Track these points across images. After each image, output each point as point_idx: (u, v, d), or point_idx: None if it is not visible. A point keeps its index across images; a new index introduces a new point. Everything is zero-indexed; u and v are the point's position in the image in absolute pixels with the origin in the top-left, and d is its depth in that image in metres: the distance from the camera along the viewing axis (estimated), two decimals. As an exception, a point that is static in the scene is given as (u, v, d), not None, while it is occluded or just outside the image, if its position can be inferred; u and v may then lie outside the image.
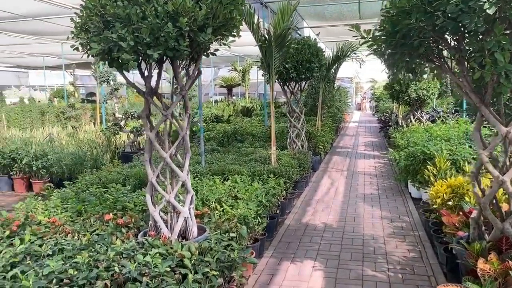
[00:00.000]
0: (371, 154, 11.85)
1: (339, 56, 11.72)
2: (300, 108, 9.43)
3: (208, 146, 9.62)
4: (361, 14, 13.99)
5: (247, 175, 6.14)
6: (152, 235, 3.67)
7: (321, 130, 11.84)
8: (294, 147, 9.10)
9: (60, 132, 11.11)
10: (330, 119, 14.11)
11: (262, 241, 4.61)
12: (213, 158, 7.80)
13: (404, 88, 9.89)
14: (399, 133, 9.51)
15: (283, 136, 10.45)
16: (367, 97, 33.53)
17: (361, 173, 9.28)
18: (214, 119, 15.51)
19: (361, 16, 14.31)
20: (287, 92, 9.08)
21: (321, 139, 10.38)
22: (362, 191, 7.58)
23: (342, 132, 17.64)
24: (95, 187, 5.70)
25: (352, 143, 14.50)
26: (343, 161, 10.82)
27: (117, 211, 4.62)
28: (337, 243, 5.01)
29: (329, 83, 14.16)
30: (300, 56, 8.27)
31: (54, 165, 7.94)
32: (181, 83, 3.66)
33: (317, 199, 7.11)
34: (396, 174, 8.88)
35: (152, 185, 3.75)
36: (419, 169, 6.73)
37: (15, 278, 2.93)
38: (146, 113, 3.73)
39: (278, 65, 7.24)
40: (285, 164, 6.96)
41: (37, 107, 15.85)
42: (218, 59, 23.99)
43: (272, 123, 7.44)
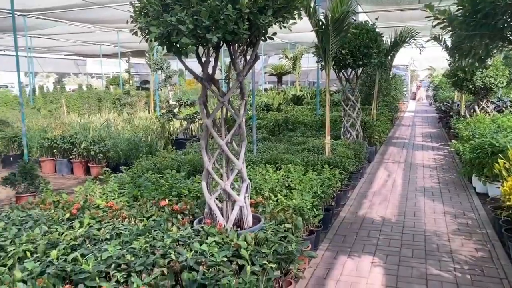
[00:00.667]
0: (430, 146, 11.27)
1: (397, 42, 11.18)
2: (356, 96, 9.07)
3: (259, 135, 9.52)
4: (421, 0, 13.27)
5: (301, 165, 5.97)
6: (208, 223, 3.61)
7: (376, 119, 11.41)
8: (348, 137, 8.79)
9: (116, 118, 11.44)
10: (386, 108, 13.59)
11: (317, 233, 4.45)
12: (264, 146, 7.69)
13: (469, 75, 9.26)
14: (462, 123, 8.93)
15: (336, 125, 10.15)
16: (423, 85, 32.08)
17: (420, 165, 8.83)
18: (264, 107, 15.39)
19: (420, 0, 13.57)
20: (342, 80, 8.76)
21: (376, 129, 9.98)
22: (421, 184, 7.19)
23: (398, 122, 16.97)
24: (150, 172, 5.76)
25: (409, 133, 13.89)
26: (400, 152, 10.36)
27: (172, 197, 4.63)
28: (397, 239, 4.75)
29: (385, 71, 13.60)
30: (357, 42, 7.91)
31: (111, 150, 8.16)
32: (239, 68, 3.54)
33: (373, 192, 6.82)
34: (458, 167, 8.36)
35: (208, 173, 3.68)
36: (486, 162, 6.27)
37: (75, 261, 2.97)
38: (203, 100, 3.65)
39: (335, 51, 6.96)
40: (340, 154, 6.72)
41: (94, 93, 16.44)
42: (269, 47, 23.81)
43: (326, 111, 7.19)
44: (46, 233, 3.52)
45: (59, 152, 8.51)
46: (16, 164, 6.35)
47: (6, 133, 9.29)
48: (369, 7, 13.52)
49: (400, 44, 11.31)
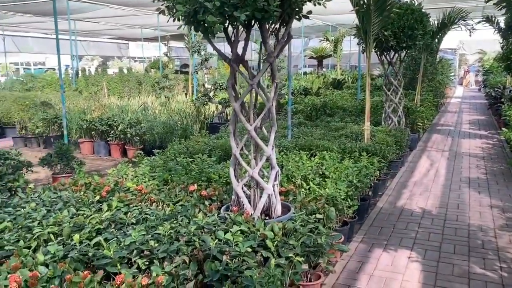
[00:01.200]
0: (477, 134, 10.63)
1: (445, 23, 10.53)
2: (399, 80, 8.63)
3: (295, 120, 9.28)
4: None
5: (337, 152, 5.72)
6: (234, 210, 3.48)
7: (420, 105, 10.86)
8: (390, 123, 8.40)
9: (154, 102, 11.53)
10: (431, 93, 12.93)
11: (351, 224, 4.23)
12: (300, 132, 7.46)
13: (524, 58, 8.56)
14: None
15: (376, 111, 9.74)
16: (472, 70, 30.44)
17: (466, 154, 8.32)
18: (302, 91, 15.07)
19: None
20: (385, 63, 8.34)
21: (420, 115, 9.49)
22: (466, 175, 6.76)
23: (444, 108, 16.17)
24: (182, 156, 5.71)
25: (455, 120, 13.18)
26: (444, 140, 9.82)
27: (202, 182, 4.53)
28: (438, 233, 4.45)
29: (431, 54, 12.91)
30: (401, 23, 7.45)
31: (147, 133, 8.20)
32: (269, 49, 3.33)
33: (414, 181, 6.47)
34: (508, 157, 7.81)
35: (236, 159, 3.53)
36: (541, 153, 5.78)
37: (98, 245, 2.92)
38: (232, 82, 3.48)
39: (377, 32, 6.58)
40: (380, 141, 6.40)
41: (134, 77, 16.68)
42: (309, 29, 23.24)
43: (367, 95, 6.85)
44: (74, 216, 3.52)
45: (97, 134, 8.66)
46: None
47: (47, 114, 9.55)
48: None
49: (448, 26, 10.64)
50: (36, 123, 9.48)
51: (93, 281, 2.45)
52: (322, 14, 19.23)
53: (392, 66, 8.35)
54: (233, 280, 2.63)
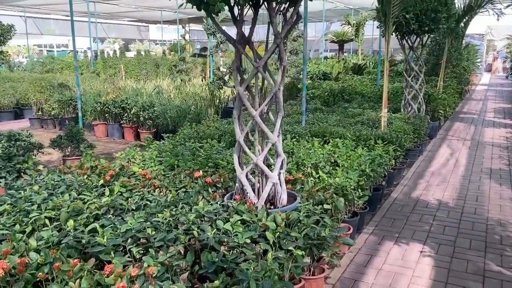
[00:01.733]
0: (502, 123, 10.19)
1: (471, 6, 10.02)
2: (420, 66, 8.28)
3: (312, 105, 9.06)
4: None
5: (351, 139, 5.52)
6: (237, 198, 3.35)
7: (442, 92, 10.47)
8: (409, 110, 8.10)
9: (169, 85, 11.44)
10: (455, 80, 12.48)
11: (362, 215, 4.05)
12: (315, 118, 7.25)
13: (556, 44, 8.08)
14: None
15: (397, 97, 9.44)
16: (500, 57, 29.35)
17: (489, 144, 7.97)
18: (321, 76, 14.76)
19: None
20: (406, 48, 8.01)
21: (441, 103, 9.13)
22: (488, 165, 6.46)
23: (468, 96, 15.62)
24: (192, 141, 5.61)
25: (479, 108, 12.70)
26: (467, 129, 9.45)
27: (208, 168, 4.42)
28: (454, 226, 4.24)
29: (456, 39, 12.42)
30: (424, 5, 7.10)
31: (160, 116, 8.12)
32: (276, 29, 3.15)
33: (431, 171, 6.22)
34: (534, 148, 7.46)
35: (240, 145, 3.39)
36: None
37: (95, 231, 2.84)
38: (237, 65, 3.32)
39: (397, 15, 6.27)
40: (397, 129, 6.15)
41: (152, 59, 16.62)
42: (330, 13, 22.70)
43: (385, 81, 6.58)
44: (75, 200, 3.45)
45: (110, 117, 8.63)
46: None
47: (63, 96, 9.57)
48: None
49: (475, 9, 10.13)
50: (52, 104, 9.53)
51: (83, 270, 2.37)
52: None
53: (414, 51, 8.01)
54: (229, 272, 2.51)
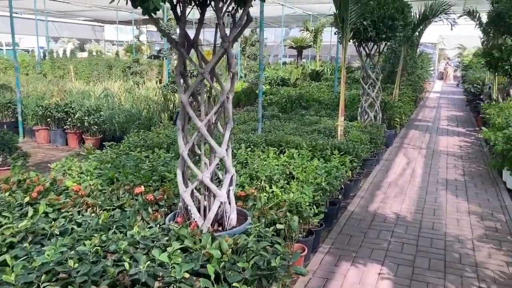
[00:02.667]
0: (456, 131, 10.36)
1: (426, 15, 10.15)
2: (377, 73, 8.23)
3: (269, 112, 8.81)
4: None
5: (307, 149, 5.27)
6: (179, 221, 2.99)
7: (398, 100, 10.53)
8: (366, 118, 8.01)
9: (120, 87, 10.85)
10: (410, 88, 12.65)
11: (317, 233, 3.79)
12: (271, 125, 6.99)
13: (506, 55, 8.26)
14: (494, 108, 8.02)
15: (353, 105, 9.36)
16: (452, 65, 30.48)
17: (443, 152, 8.00)
18: (280, 82, 14.60)
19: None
20: (363, 55, 7.92)
21: (397, 111, 9.13)
22: (444, 176, 6.42)
23: (422, 103, 15.95)
24: (138, 150, 5.17)
25: (433, 116, 12.94)
26: (422, 137, 9.51)
27: (153, 182, 4.03)
28: (412, 243, 4.06)
29: (411, 47, 12.59)
30: (381, 12, 7.01)
31: (107, 121, 7.59)
32: (223, 31, 2.82)
33: (388, 182, 6.09)
34: (487, 157, 7.53)
35: (184, 160, 3.03)
36: (522, 156, 5.46)
37: (4, 265, 2.39)
38: (180, 70, 2.95)
39: (355, 21, 6.11)
40: (354, 138, 5.98)
41: (104, 60, 15.87)
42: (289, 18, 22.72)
43: (341, 89, 6.41)
44: (-10, 223, 2.96)
45: (53, 121, 7.98)
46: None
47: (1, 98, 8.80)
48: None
49: (430, 18, 10.28)
50: (-12, 107, 8.74)
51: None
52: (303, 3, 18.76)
53: (370, 59, 7.94)
54: (162, 315, 2.14)
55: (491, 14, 8.47)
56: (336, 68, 11.85)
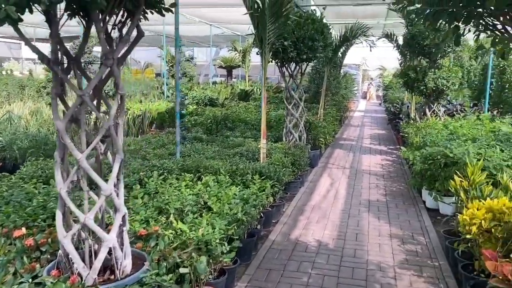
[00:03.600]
0: (378, 149, 10.60)
1: (347, 36, 10.41)
2: (300, 94, 8.17)
3: (193, 134, 8.42)
4: (375, -9, 12.69)
5: (226, 175, 4.93)
6: (55, 274, 2.48)
7: (323, 119, 10.61)
8: (291, 139, 7.87)
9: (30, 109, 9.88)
10: (334, 108, 12.85)
11: (231, 272, 3.42)
12: (192, 149, 6.59)
13: (421, 75, 8.59)
14: (412, 128, 8.25)
15: (280, 125, 9.23)
16: (374, 85, 32.12)
17: (366, 172, 8.05)
18: (208, 102, 14.26)
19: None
20: (286, 75, 7.83)
21: (322, 131, 9.13)
22: (366, 197, 6.37)
23: (347, 122, 16.37)
24: (33, 182, 4.53)
25: (357, 135, 13.24)
26: (346, 156, 9.58)
27: (41, 222, 3.45)
28: (333, 275, 3.81)
29: (335, 68, 12.86)
30: (301, 32, 6.97)
31: (6, 148, 6.75)
32: (105, 47, 2.41)
33: (312, 205, 5.90)
34: (407, 175, 7.66)
35: (63, 200, 2.54)
36: (438, 175, 5.52)
37: None
38: (56, 92, 2.49)
39: (273, 40, 5.96)
40: (276, 161, 5.74)
41: (16, 81, 14.60)
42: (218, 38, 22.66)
43: (262, 110, 6.19)
44: None
45: None
46: None
47: None
48: (321, 1, 12.75)
49: (350, 40, 10.56)
50: None
51: None
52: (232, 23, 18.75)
53: (293, 79, 7.86)
54: None
55: (406, 37, 8.80)
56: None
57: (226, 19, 17.74)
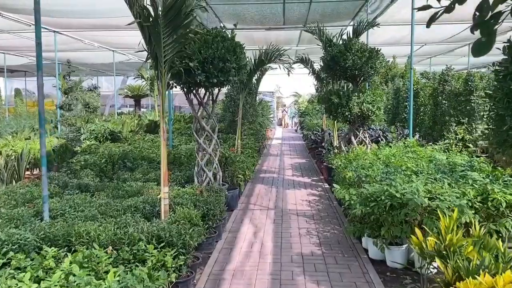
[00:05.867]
0: (302, 182, 9.62)
1: (263, 60, 9.43)
2: (213, 124, 6.90)
3: (81, 179, 6.69)
4: (286, 19, 12.10)
5: (104, 248, 3.42)
6: None
7: (241, 151, 9.42)
8: (204, 179, 6.53)
9: None
10: (252, 137, 11.78)
11: None
12: (69, 203, 4.93)
13: (345, 100, 7.79)
14: (341, 159, 7.33)
15: (192, 160, 7.85)
16: (288, 112, 32.20)
17: (293, 212, 6.92)
18: (108, 136, 12.42)
19: (285, 21, 12.43)
20: (194, 103, 6.54)
21: (240, 166, 7.89)
22: (298, 249, 5.17)
23: (265, 151, 15.40)
24: None
25: (278, 165, 12.24)
26: (269, 193, 8.42)
27: None
28: None
29: (250, 95, 11.87)
30: (210, 52, 5.76)
31: None
32: None
33: (233, 270, 4.55)
34: (339, 215, 6.65)
35: None
36: (384, 220, 4.51)
37: None
38: None
39: (173, 58, 4.64)
40: (182, 218, 4.33)
41: None
42: (125, 66, 20.87)
43: (162, 148, 4.77)
44: None
45: None
46: None
47: None
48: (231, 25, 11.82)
49: (266, 63, 9.60)
50: None
51: None
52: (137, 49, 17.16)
53: (203, 107, 6.58)
54: None
55: (326, 58, 8.00)
56: (170, 119, 10.30)
57: (132, 44, 16.17)
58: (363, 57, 7.64)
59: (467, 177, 4.74)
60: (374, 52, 7.83)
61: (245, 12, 11.60)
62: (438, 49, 17.50)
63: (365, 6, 10.70)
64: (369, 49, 7.85)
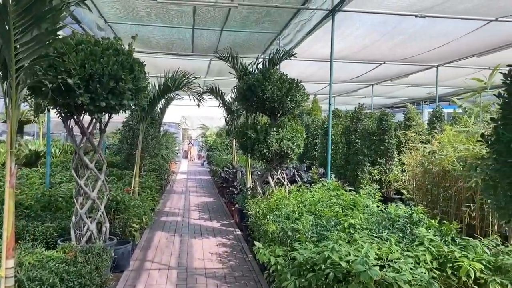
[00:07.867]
0: (210, 227, 8.31)
1: (169, 86, 8.15)
2: (100, 161, 5.39)
3: None
4: (194, 46, 11.12)
5: None
6: None
7: (138, 192, 7.88)
8: (84, 233, 4.96)
9: None
10: (154, 174, 10.25)
11: None
12: None
13: (263, 136, 6.78)
14: (259, 204, 6.20)
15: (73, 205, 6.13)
16: (196, 145, 30.89)
17: (201, 272, 5.57)
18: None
19: (194, 49, 11.45)
20: (74, 133, 5.02)
21: (135, 212, 6.35)
22: (209, 334, 3.84)
23: (169, 188, 13.85)
24: None
25: (183, 205, 10.80)
26: (171, 244, 6.97)
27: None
28: None
29: (153, 125, 10.41)
30: (98, 66, 4.37)
31: None
32: None
33: None
34: (256, 273, 5.46)
35: None
36: (325, 296, 3.41)
37: None
38: None
39: (31, 65, 3.18)
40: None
41: None
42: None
43: (6, 198, 3.20)
44: None
45: None
46: None
47: None
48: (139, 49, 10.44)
49: (173, 90, 8.33)
50: None
51: None
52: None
53: (87, 137, 5.08)
54: None
55: (242, 87, 6.98)
56: (48, 151, 8.41)
57: None
58: (283, 88, 6.77)
59: (420, 236, 3.88)
60: (294, 83, 7.02)
61: (150, 35, 10.37)
62: (344, 88, 17.74)
63: (277, 39, 10.11)
64: (289, 80, 7.02)
